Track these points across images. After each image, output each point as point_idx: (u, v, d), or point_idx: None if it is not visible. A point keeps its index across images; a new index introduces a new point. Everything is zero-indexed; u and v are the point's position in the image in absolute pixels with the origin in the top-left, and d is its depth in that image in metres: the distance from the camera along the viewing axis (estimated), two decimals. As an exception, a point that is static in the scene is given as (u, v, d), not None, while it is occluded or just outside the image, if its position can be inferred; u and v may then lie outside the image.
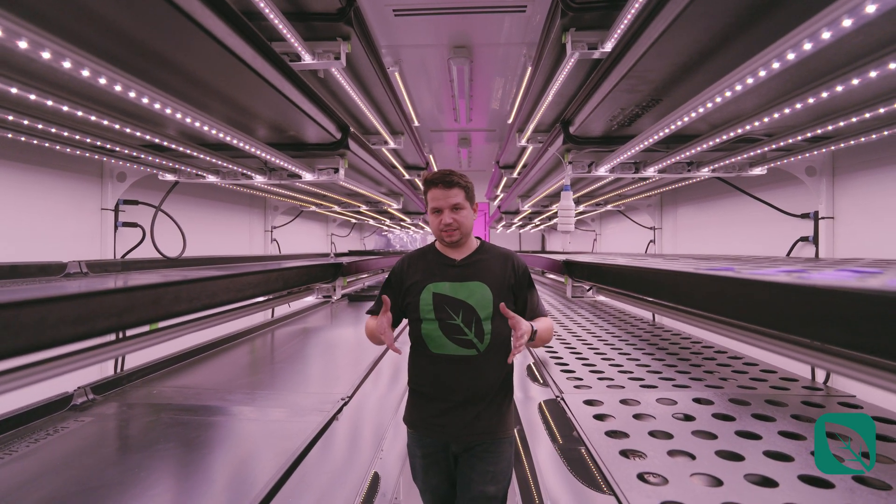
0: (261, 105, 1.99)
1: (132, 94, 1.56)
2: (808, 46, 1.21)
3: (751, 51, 1.39)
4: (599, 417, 2.18)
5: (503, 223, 8.62)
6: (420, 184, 7.72)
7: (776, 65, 1.36)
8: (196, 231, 4.24)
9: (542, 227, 9.54)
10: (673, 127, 1.77)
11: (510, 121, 6.16)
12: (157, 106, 1.68)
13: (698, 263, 1.94)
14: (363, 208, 5.43)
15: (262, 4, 2.46)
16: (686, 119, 1.66)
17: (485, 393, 1.75)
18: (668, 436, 1.96)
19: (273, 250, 5.58)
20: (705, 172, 2.77)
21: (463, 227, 1.76)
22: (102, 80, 1.50)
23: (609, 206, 5.25)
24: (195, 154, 2.40)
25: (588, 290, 2.71)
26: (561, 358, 3.10)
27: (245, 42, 1.49)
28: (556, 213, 6.02)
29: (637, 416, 2.17)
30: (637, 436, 1.97)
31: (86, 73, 1.45)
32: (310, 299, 2.72)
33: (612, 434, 2.00)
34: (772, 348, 1.33)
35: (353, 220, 7.68)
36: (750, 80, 1.48)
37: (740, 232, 3.72)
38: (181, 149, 2.26)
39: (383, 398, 3.07)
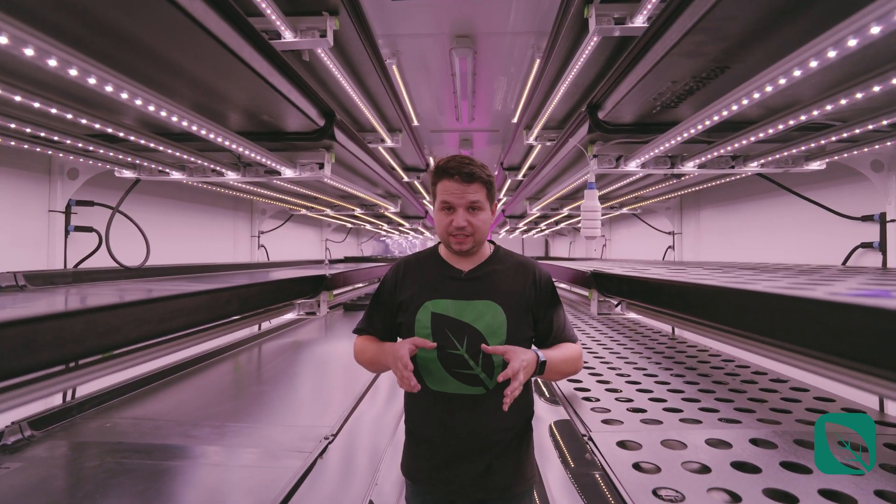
0: (216, 76, 1.58)
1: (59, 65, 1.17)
2: None
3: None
4: (639, 467, 1.76)
5: (507, 227, 8.22)
6: (419, 186, 7.34)
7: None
8: (173, 237, 3.84)
9: (546, 231, 9.15)
10: (746, 101, 1.36)
11: (515, 119, 5.78)
12: (92, 81, 1.28)
13: (768, 278, 1.54)
14: (358, 212, 5.02)
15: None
16: (769, 88, 1.25)
17: (497, 440, 1.41)
18: (736, 498, 1.54)
19: (261, 257, 5.17)
20: (753, 168, 2.36)
21: (478, 233, 1.43)
22: (53, 62, 1.14)
23: (624, 210, 4.84)
24: (152, 145, 1.99)
25: (616, 306, 2.31)
26: (580, 382, 2.68)
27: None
28: (567, 216, 5.64)
29: (687, 466, 1.76)
30: (695, 497, 1.55)
31: (30, 51, 1.10)
32: (290, 316, 2.30)
33: (661, 494, 1.58)
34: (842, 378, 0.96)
35: (349, 225, 7.28)
36: (853, 42, 1.09)
37: (778, 237, 3.32)
38: (127, 136, 1.86)
39: (378, 431, 2.66)
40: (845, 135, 1.77)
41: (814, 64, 1.17)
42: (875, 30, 1.06)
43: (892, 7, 1.01)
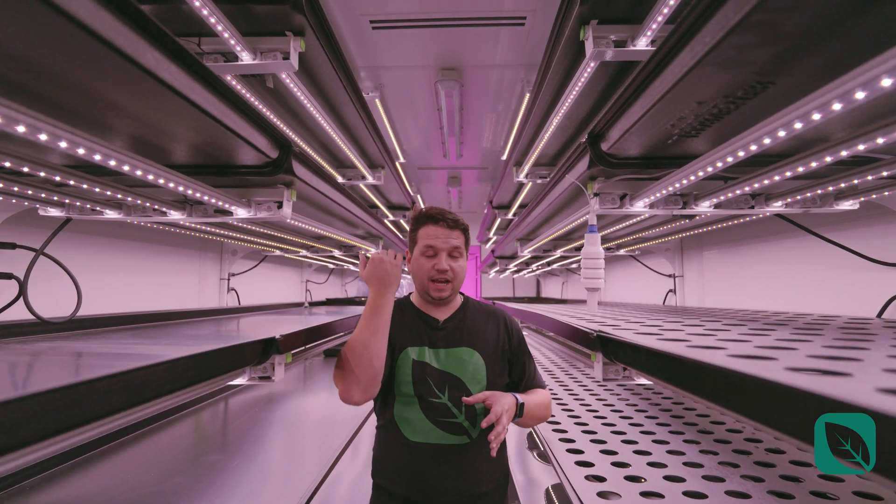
0: (140, 101, 1.26)
1: None
2: None
3: None
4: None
5: (496, 268, 7.89)
6: (406, 225, 7.03)
7: None
8: (125, 282, 3.45)
9: (538, 272, 8.84)
10: (800, 125, 1.05)
11: (504, 157, 5.56)
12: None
13: (829, 348, 1.19)
14: (337, 253, 4.67)
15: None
16: (838, 106, 0.94)
17: (480, 494, 1.39)
18: None
19: (232, 301, 4.77)
20: (776, 207, 2.07)
21: (457, 279, 1.48)
22: None
23: (622, 251, 4.54)
24: (72, 182, 1.65)
25: (624, 371, 1.96)
26: (583, 453, 2.30)
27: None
28: (560, 257, 5.32)
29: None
30: None
31: None
32: (240, 381, 1.92)
33: None
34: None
35: (331, 266, 6.91)
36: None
37: (795, 283, 3.00)
38: (36, 172, 1.51)
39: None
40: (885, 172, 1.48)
41: (887, 82, 0.87)
42: None
43: None
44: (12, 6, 0.75)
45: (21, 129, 1.06)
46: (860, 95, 0.89)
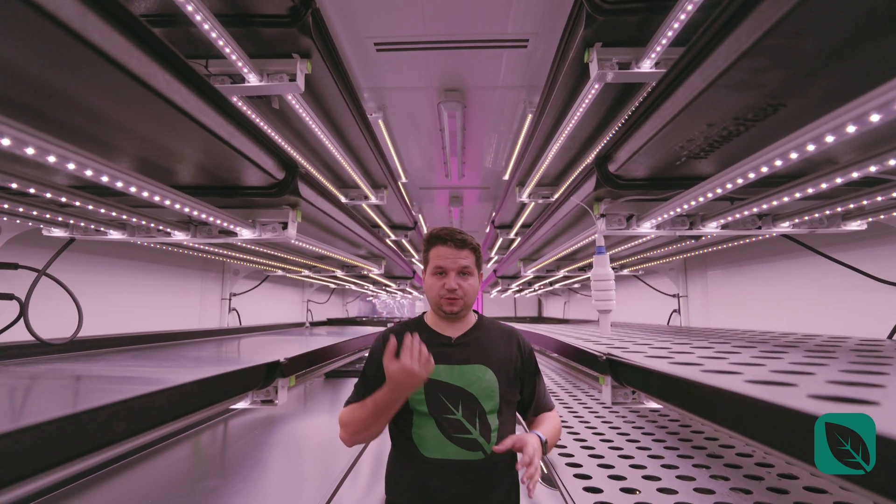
0: (149, 123, 1.26)
1: None
2: None
3: None
4: None
5: (498, 288, 7.86)
6: (408, 244, 7.03)
7: None
8: (130, 302, 3.43)
9: (540, 291, 8.81)
10: (812, 148, 1.05)
11: (507, 176, 5.57)
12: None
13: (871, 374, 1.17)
14: (339, 273, 4.65)
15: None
16: (852, 129, 0.94)
17: None
18: None
19: (233, 322, 4.73)
20: (784, 228, 2.05)
21: (468, 296, 1.52)
22: None
23: (625, 271, 4.52)
24: (71, 201, 1.64)
25: (633, 394, 1.94)
26: (591, 478, 2.24)
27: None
28: (564, 277, 5.30)
29: None
30: None
31: None
32: (242, 405, 1.88)
33: None
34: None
35: (333, 285, 6.88)
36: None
37: (802, 304, 2.98)
38: (42, 193, 1.51)
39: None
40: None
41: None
42: None
43: None
44: (28, 30, 0.75)
45: (30, 150, 1.06)
46: (875, 118, 0.89)
